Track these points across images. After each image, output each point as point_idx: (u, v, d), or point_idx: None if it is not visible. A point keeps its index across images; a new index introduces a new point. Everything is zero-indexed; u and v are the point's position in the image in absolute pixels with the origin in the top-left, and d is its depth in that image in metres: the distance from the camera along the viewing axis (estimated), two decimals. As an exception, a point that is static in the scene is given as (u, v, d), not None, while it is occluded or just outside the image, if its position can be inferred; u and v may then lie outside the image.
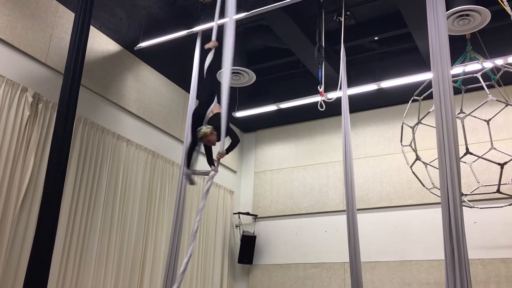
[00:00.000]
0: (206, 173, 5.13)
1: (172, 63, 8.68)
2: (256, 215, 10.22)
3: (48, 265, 4.84)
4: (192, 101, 6.73)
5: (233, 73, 8.08)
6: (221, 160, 5.14)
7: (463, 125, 6.77)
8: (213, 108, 5.17)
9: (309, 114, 9.67)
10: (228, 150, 5.05)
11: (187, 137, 6.07)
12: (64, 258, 6.28)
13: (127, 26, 7.74)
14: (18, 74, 6.21)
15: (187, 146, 5.39)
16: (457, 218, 3.68)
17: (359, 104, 9.07)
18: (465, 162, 6.86)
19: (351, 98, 6.87)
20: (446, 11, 4.74)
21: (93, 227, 6.79)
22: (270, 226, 10.05)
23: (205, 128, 4.93)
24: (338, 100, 6.55)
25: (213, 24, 5.81)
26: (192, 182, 5.43)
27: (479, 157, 6.75)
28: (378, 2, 7.81)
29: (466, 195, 6.99)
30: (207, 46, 5.60)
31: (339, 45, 6.75)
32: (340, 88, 6.47)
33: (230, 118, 5.60)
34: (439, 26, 4.25)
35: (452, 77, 4.55)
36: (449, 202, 3.74)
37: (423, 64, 7.91)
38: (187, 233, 8.25)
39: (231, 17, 5.11)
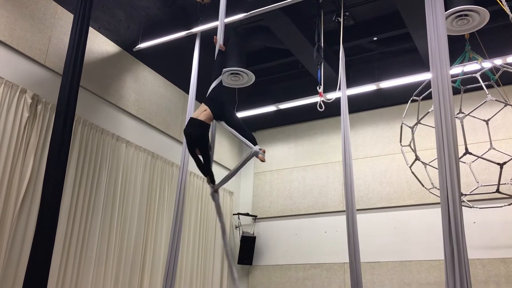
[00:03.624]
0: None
1: (171, 64, 8.68)
2: (255, 216, 10.21)
3: (47, 268, 4.84)
4: (191, 102, 6.73)
5: (232, 74, 8.09)
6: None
7: (462, 125, 6.77)
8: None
9: (308, 114, 9.66)
10: None
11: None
12: (63, 259, 6.27)
13: (126, 27, 7.74)
14: (17, 75, 6.21)
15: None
16: (456, 218, 3.68)
17: (358, 105, 9.08)
18: (465, 162, 6.86)
19: (350, 99, 6.87)
20: (445, 11, 4.75)
21: (92, 228, 6.78)
22: (270, 227, 10.05)
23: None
24: (337, 101, 6.54)
25: (214, 24, 5.78)
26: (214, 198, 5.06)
27: (479, 157, 6.75)
28: (377, 3, 7.81)
29: (466, 195, 6.98)
30: (220, 46, 5.41)
31: (338, 45, 6.75)
32: (339, 89, 6.47)
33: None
34: (438, 26, 4.25)
35: (451, 77, 4.56)
36: (449, 202, 3.74)
37: (422, 64, 7.91)
38: (186, 234, 8.25)
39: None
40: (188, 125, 4.84)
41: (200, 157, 4.81)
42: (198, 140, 4.72)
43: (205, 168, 4.86)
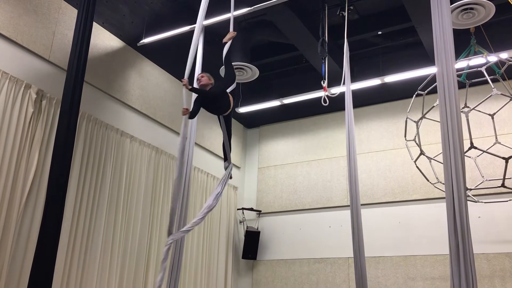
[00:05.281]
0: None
1: (175, 59, 8.66)
2: (260, 211, 10.22)
3: (53, 262, 4.86)
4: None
5: (236, 68, 8.07)
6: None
7: (467, 120, 6.73)
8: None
9: (312, 109, 9.65)
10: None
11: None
12: (68, 255, 6.31)
13: (130, 22, 7.73)
14: (22, 70, 6.22)
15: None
16: (461, 213, 3.67)
17: (363, 99, 9.05)
18: (470, 157, 6.84)
19: (355, 93, 6.85)
20: (450, 4, 4.72)
21: (97, 224, 6.81)
22: (274, 222, 10.06)
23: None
24: (342, 95, 6.52)
25: (218, 19, 5.80)
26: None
27: (484, 151, 6.73)
28: (381, -4, 7.77)
29: (471, 189, 6.97)
30: (225, 40, 5.50)
31: (343, 39, 6.72)
32: (344, 83, 6.45)
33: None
34: (443, 20, 4.22)
35: (457, 71, 4.53)
36: (454, 196, 3.73)
37: (427, 58, 7.88)
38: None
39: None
40: (222, 98, 5.08)
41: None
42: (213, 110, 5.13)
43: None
